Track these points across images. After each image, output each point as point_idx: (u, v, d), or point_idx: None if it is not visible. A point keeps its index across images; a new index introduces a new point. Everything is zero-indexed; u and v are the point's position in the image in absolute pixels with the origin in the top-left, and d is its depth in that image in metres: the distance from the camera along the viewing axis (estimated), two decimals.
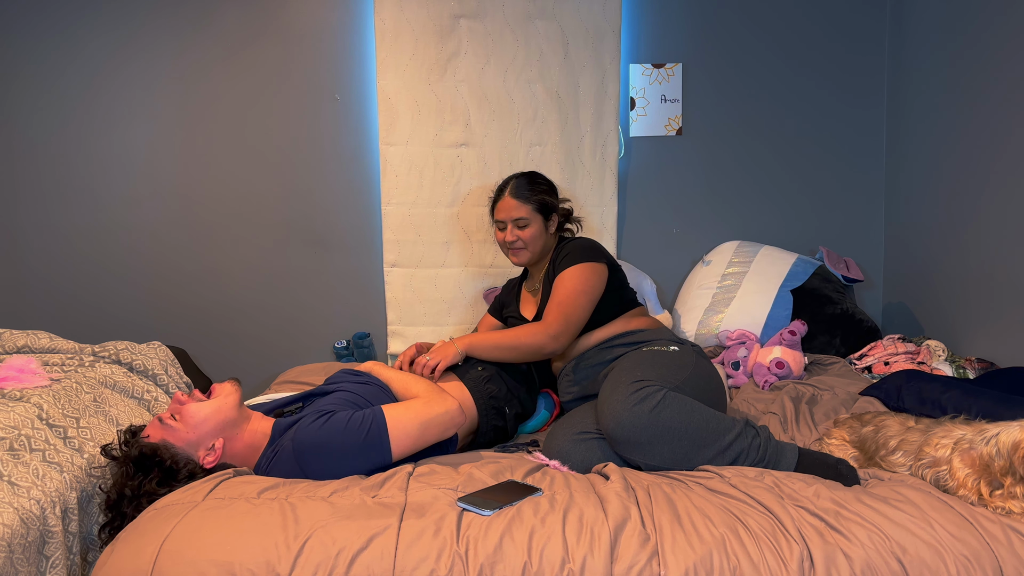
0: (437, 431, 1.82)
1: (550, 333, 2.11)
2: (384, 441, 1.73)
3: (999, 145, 2.53)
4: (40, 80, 3.12)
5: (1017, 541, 1.39)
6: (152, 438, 1.72)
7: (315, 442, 1.71)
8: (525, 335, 2.13)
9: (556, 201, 2.36)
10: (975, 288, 2.67)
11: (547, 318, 2.14)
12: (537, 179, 2.36)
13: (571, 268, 2.19)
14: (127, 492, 1.65)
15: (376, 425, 1.73)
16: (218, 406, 1.77)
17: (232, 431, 1.78)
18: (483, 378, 2.11)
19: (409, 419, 1.78)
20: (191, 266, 3.23)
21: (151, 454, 1.69)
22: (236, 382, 1.85)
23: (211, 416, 1.75)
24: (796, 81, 3.22)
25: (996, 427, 1.55)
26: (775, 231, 3.28)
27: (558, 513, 1.47)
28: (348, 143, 3.19)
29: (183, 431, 1.73)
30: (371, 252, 3.23)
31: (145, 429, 1.76)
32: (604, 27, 3.09)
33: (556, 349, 2.13)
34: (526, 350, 2.13)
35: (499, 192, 2.36)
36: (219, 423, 1.76)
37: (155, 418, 1.76)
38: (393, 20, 3.04)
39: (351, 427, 1.72)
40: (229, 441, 1.77)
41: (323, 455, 1.70)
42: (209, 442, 1.74)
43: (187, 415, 1.74)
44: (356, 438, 1.71)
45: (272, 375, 3.15)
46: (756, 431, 1.79)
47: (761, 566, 1.36)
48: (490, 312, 2.57)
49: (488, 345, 2.14)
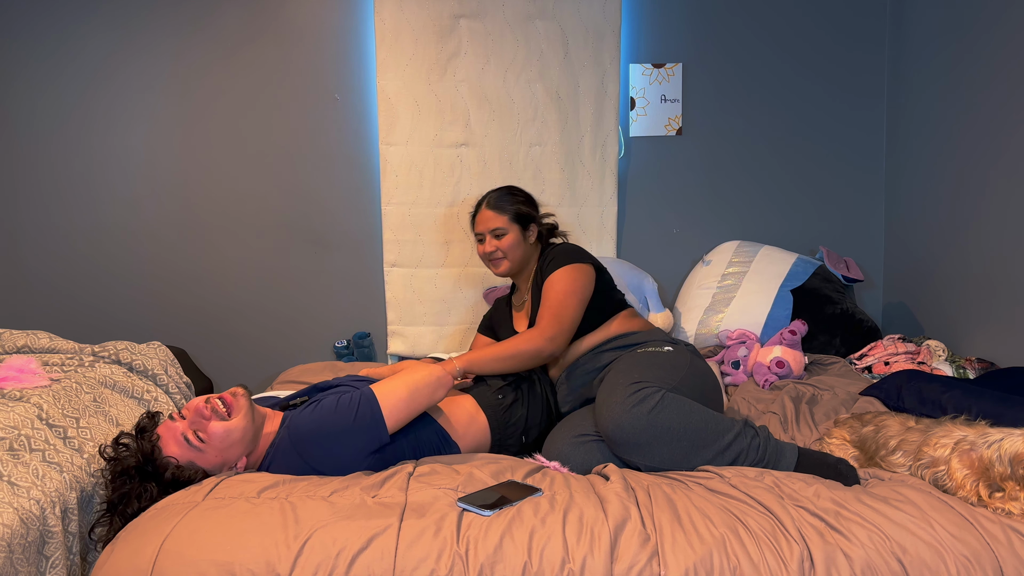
0: (426, 392, 1.82)
1: (545, 336, 2.10)
2: (376, 412, 1.73)
3: (999, 145, 2.53)
4: (40, 80, 3.12)
5: (1017, 541, 1.39)
6: (179, 459, 1.68)
7: (309, 428, 1.72)
8: (521, 342, 2.12)
9: (535, 212, 2.36)
10: (975, 288, 2.67)
11: (541, 322, 2.13)
12: (514, 191, 2.37)
13: (558, 271, 2.18)
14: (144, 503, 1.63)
15: (365, 399, 1.75)
16: (244, 427, 1.73)
17: (252, 444, 1.77)
18: (502, 406, 2.07)
19: (396, 387, 1.79)
20: (191, 266, 3.22)
21: (185, 480, 1.66)
22: (246, 393, 1.79)
23: (239, 440, 1.72)
24: (796, 81, 3.22)
25: (1000, 432, 1.55)
26: (775, 231, 3.28)
27: (558, 513, 1.47)
28: (348, 143, 3.19)
29: (212, 455, 1.69)
30: (371, 252, 3.23)
31: (167, 445, 1.69)
32: (604, 27, 3.09)
33: (554, 351, 2.13)
34: (524, 357, 2.12)
35: (477, 206, 2.37)
36: (245, 443, 1.74)
37: (177, 432, 1.69)
38: (393, 20, 3.04)
39: (341, 406, 1.74)
40: (250, 455, 1.77)
41: (320, 439, 1.71)
42: (234, 461, 1.74)
43: (216, 439, 1.69)
44: (348, 415, 1.72)
45: (272, 375, 3.15)
46: (755, 431, 1.79)
47: (761, 566, 1.36)
48: (480, 332, 2.54)
49: (487, 359, 2.11)
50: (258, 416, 1.79)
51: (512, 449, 2.07)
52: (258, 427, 1.78)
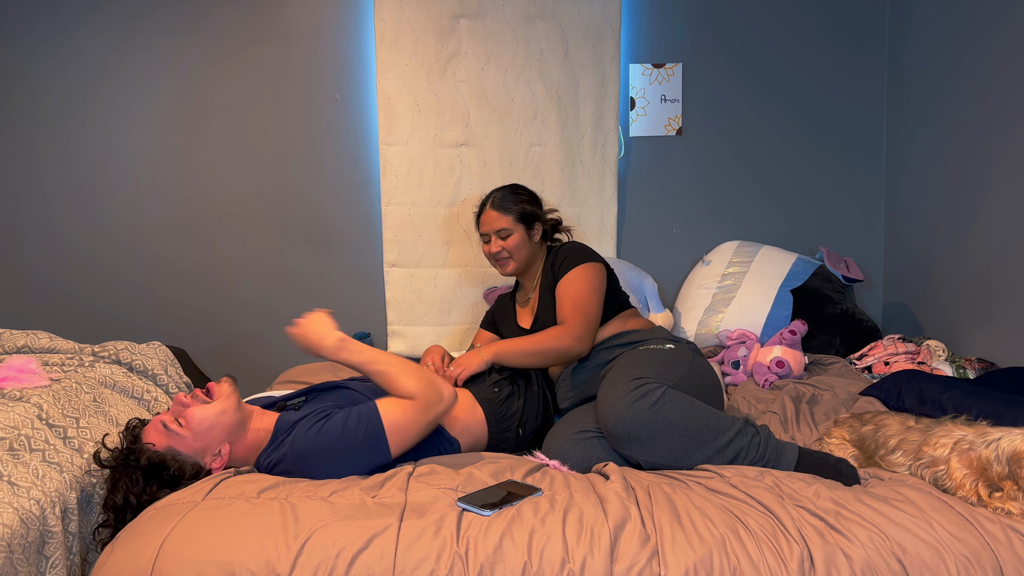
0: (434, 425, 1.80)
1: (575, 335, 2.12)
2: (382, 442, 1.71)
3: (999, 145, 2.53)
4: (40, 80, 3.12)
5: (1017, 541, 1.39)
6: (158, 445, 1.69)
7: (313, 448, 1.69)
8: (550, 339, 2.14)
9: (539, 211, 2.37)
10: (975, 288, 2.67)
11: (567, 320, 2.15)
12: (518, 190, 2.37)
13: (575, 270, 2.20)
14: (131, 500, 1.64)
15: (372, 427, 1.71)
16: (222, 409, 1.74)
17: (237, 434, 1.76)
18: (498, 399, 2.08)
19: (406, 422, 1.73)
20: (191, 266, 3.23)
21: (160, 464, 1.66)
22: (232, 380, 1.81)
23: (217, 422, 1.72)
24: (796, 81, 3.22)
25: (999, 431, 1.55)
26: (775, 231, 3.28)
27: (558, 513, 1.47)
28: (348, 143, 3.19)
29: (190, 439, 1.70)
30: (371, 252, 3.23)
31: (147, 434, 1.71)
32: (604, 27, 3.09)
33: (582, 350, 2.15)
34: (552, 354, 2.14)
35: (481, 206, 2.38)
36: (225, 428, 1.73)
37: (157, 421, 1.72)
38: (393, 20, 3.04)
39: (347, 431, 1.70)
40: (234, 444, 1.77)
41: (322, 460, 1.69)
42: (216, 448, 1.73)
43: (193, 421, 1.70)
44: (354, 442, 1.69)
45: (272, 375, 3.15)
46: (756, 430, 1.79)
47: (761, 566, 1.36)
48: (482, 326, 2.56)
49: (515, 352, 2.14)
50: (244, 407, 1.79)
51: (509, 443, 2.08)
52: (244, 416, 1.77)
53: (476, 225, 2.41)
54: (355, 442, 1.69)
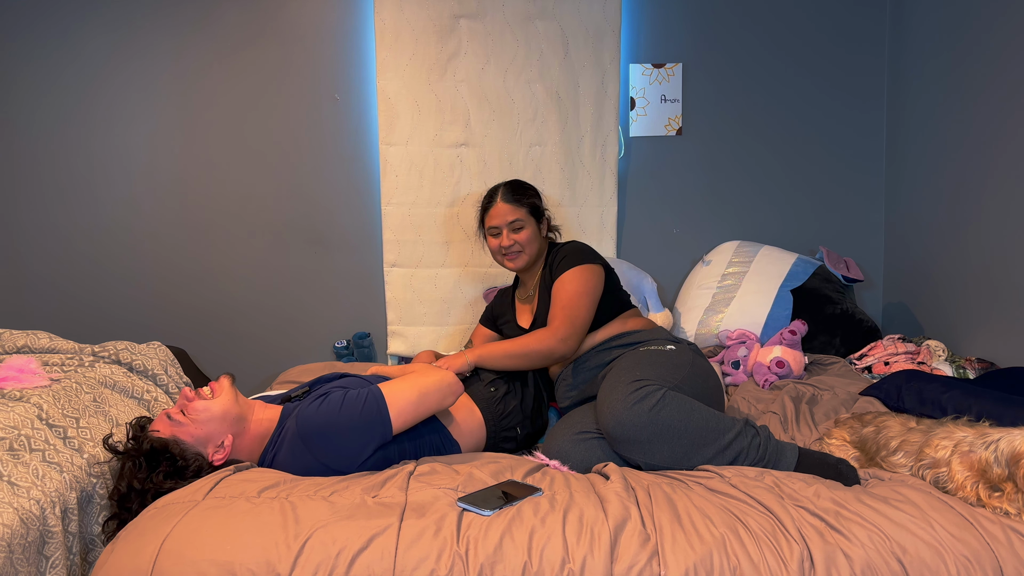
0: (436, 398, 1.84)
1: (558, 337, 2.12)
2: (383, 411, 1.75)
3: (999, 145, 2.53)
4: (40, 80, 3.12)
5: (1017, 541, 1.39)
6: (162, 433, 1.74)
7: (316, 422, 1.73)
8: (534, 342, 2.14)
9: (543, 206, 2.38)
10: (975, 288, 2.67)
11: (553, 322, 2.14)
12: (525, 184, 2.38)
13: (570, 271, 2.19)
14: (135, 485, 1.67)
15: (373, 397, 1.77)
16: (222, 401, 1.79)
17: (240, 426, 1.80)
18: (495, 398, 2.09)
19: (405, 389, 1.81)
20: (191, 266, 3.23)
21: (162, 448, 1.70)
22: (231, 377, 1.87)
23: (220, 414, 1.77)
24: (796, 81, 3.22)
25: (999, 432, 1.55)
26: (775, 231, 3.28)
27: (558, 513, 1.47)
28: (348, 143, 3.19)
29: (192, 428, 1.75)
30: (371, 252, 3.23)
31: (153, 423, 1.78)
32: (604, 27, 3.09)
33: (566, 352, 2.14)
34: (536, 356, 2.14)
35: (489, 199, 2.36)
36: (228, 420, 1.78)
37: (163, 413, 1.78)
38: (393, 20, 3.04)
39: (348, 402, 1.75)
40: (238, 437, 1.80)
41: (326, 434, 1.72)
42: (219, 439, 1.77)
43: (196, 412, 1.76)
44: (354, 411, 1.74)
45: (272, 375, 3.15)
46: (756, 430, 1.79)
47: (761, 566, 1.36)
48: (482, 323, 2.56)
49: (498, 355, 2.14)
50: (242, 401, 1.84)
51: (508, 443, 2.09)
52: (243, 409, 1.82)
53: (481, 221, 2.39)
54: (355, 411, 1.73)
